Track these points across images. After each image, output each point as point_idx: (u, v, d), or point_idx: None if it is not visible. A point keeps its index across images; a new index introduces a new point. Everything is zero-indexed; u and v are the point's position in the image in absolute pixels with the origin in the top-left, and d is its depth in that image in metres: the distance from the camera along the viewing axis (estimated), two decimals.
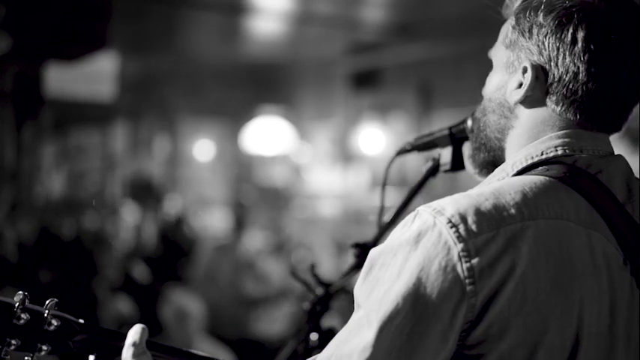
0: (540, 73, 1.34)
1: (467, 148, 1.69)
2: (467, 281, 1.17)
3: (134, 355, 1.45)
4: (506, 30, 1.41)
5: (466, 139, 1.76)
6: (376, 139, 8.49)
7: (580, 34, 1.30)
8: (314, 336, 2.06)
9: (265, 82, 9.86)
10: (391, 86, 8.31)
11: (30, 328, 1.42)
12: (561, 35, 1.31)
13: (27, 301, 1.43)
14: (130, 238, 8.53)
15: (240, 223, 7.55)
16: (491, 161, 1.46)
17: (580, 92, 1.32)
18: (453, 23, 6.71)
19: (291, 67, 9.47)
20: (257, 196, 9.83)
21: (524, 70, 1.36)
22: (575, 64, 1.31)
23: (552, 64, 1.33)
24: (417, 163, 1.96)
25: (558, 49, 1.32)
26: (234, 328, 6.31)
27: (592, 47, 1.30)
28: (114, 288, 6.75)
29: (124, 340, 1.48)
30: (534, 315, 1.19)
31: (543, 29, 1.33)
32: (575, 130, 1.34)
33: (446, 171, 1.83)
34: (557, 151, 1.33)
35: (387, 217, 1.99)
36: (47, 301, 1.45)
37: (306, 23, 7.51)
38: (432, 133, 1.86)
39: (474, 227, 1.20)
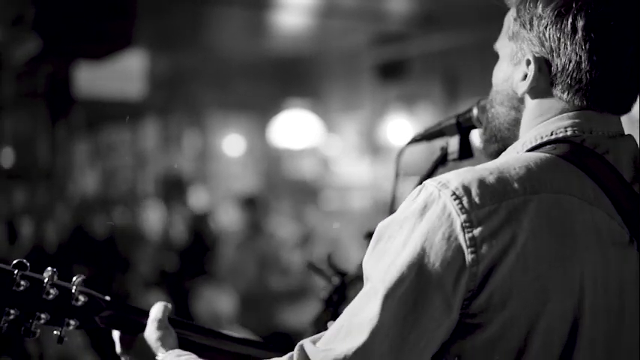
0: (543, 64, 1.37)
1: (476, 136, 1.72)
2: (469, 250, 1.22)
3: (157, 329, 1.54)
4: (509, 22, 1.44)
5: (473, 127, 1.79)
6: (403, 129, 8.47)
7: (580, 23, 1.32)
8: (331, 325, 2.09)
9: (292, 76, 9.88)
10: (417, 76, 8.28)
11: (58, 303, 1.49)
12: (561, 25, 1.34)
13: (55, 277, 1.50)
14: (161, 233, 8.61)
15: (252, 219, 7.56)
16: (499, 153, 1.48)
17: (585, 80, 1.34)
18: (477, 11, 6.68)
19: (317, 60, 9.47)
20: (284, 189, 9.85)
21: (528, 63, 1.38)
22: (577, 53, 1.33)
23: (554, 54, 1.35)
24: None
25: (559, 39, 1.34)
26: (263, 321, 6.34)
27: (592, 36, 1.32)
28: (147, 283, 6.82)
29: (147, 316, 1.57)
30: (535, 285, 1.23)
31: (543, 20, 1.35)
32: (585, 112, 1.37)
33: (454, 160, 1.85)
34: (566, 131, 1.36)
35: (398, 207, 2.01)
36: (74, 278, 1.53)
37: (331, 16, 7.52)
38: (440, 123, 1.89)
39: (477, 199, 1.24)
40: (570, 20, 1.33)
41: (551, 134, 1.36)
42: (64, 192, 9.72)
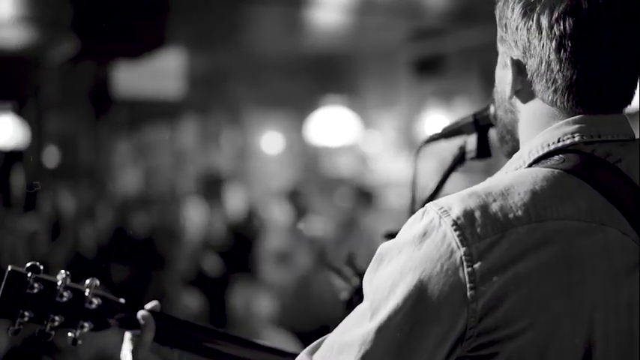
0: (522, 66, 1.32)
1: (492, 136, 1.68)
2: (468, 286, 1.17)
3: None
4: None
5: (491, 125, 1.75)
6: (441, 125, 8.39)
7: (544, 22, 1.27)
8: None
9: (329, 73, 9.87)
10: (454, 72, 8.22)
11: (72, 306, 1.51)
12: (528, 25, 1.29)
13: (69, 280, 1.51)
14: (200, 232, 8.65)
15: (299, 212, 7.53)
16: (514, 151, 1.43)
17: (559, 81, 1.28)
18: None
19: (353, 57, 9.45)
20: (320, 185, 9.85)
21: (509, 66, 1.34)
22: (545, 52, 1.28)
23: (527, 55, 1.31)
24: None
25: (528, 40, 1.29)
26: (306, 318, 6.33)
27: (557, 33, 1.26)
28: (185, 282, 6.86)
29: (163, 318, 1.59)
30: (541, 318, 1.18)
31: (513, 22, 1.31)
32: (589, 116, 1.30)
33: (472, 158, 1.82)
34: (574, 137, 1.29)
35: (418, 207, 1.98)
36: (87, 280, 1.54)
37: (367, 12, 7.50)
38: (458, 122, 1.86)
39: (478, 230, 1.19)
40: (535, 19, 1.27)
41: (558, 141, 1.30)
42: (105, 191, 9.85)
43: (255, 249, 7.96)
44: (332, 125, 9.83)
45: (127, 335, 1.61)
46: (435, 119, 8.54)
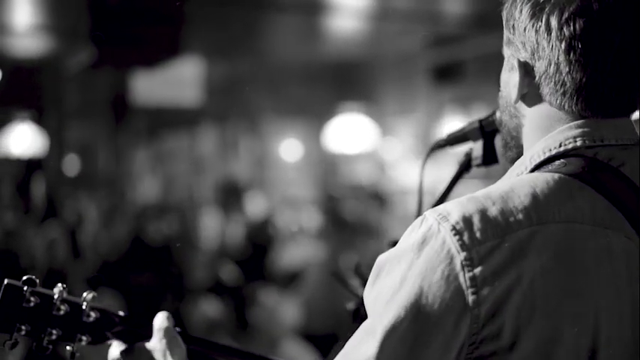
0: (530, 68, 1.28)
1: (498, 142, 1.65)
2: (469, 291, 1.14)
3: (163, 337, 1.51)
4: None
5: (497, 131, 1.71)
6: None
7: (553, 23, 1.22)
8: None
9: (346, 80, 9.86)
10: (473, 78, 8.17)
11: (69, 320, 1.49)
12: (537, 27, 1.25)
13: (65, 293, 1.49)
14: (217, 240, 8.65)
15: (335, 218, 7.51)
16: (519, 157, 1.38)
17: (568, 83, 1.24)
18: None
19: (371, 64, 9.44)
20: (341, 194, 9.83)
21: (516, 68, 1.31)
22: (554, 54, 1.24)
23: (536, 57, 1.26)
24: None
25: (537, 41, 1.25)
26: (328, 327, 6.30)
27: (567, 34, 1.22)
28: (202, 290, 6.86)
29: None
30: (545, 324, 1.14)
31: (521, 24, 1.27)
32: (592, 120, 1.26)
33: (478, 165, 1.78)
34: (576, 142, 1.26)
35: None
36: (84, 294, 1.52)
37: (385, 19, 7.48)
38: (463, 128, 1.83)
39: (478, 235, 1.16)
40: (544, 20, 1.23)
41: (560, 146, 1.27)
42: (125, 199, 9.88)
43: (273, 257, 7.95)
44: (350, 132, 9.81)
45: (121, 347, 1.58)
46: (454, 126, 8.49)
